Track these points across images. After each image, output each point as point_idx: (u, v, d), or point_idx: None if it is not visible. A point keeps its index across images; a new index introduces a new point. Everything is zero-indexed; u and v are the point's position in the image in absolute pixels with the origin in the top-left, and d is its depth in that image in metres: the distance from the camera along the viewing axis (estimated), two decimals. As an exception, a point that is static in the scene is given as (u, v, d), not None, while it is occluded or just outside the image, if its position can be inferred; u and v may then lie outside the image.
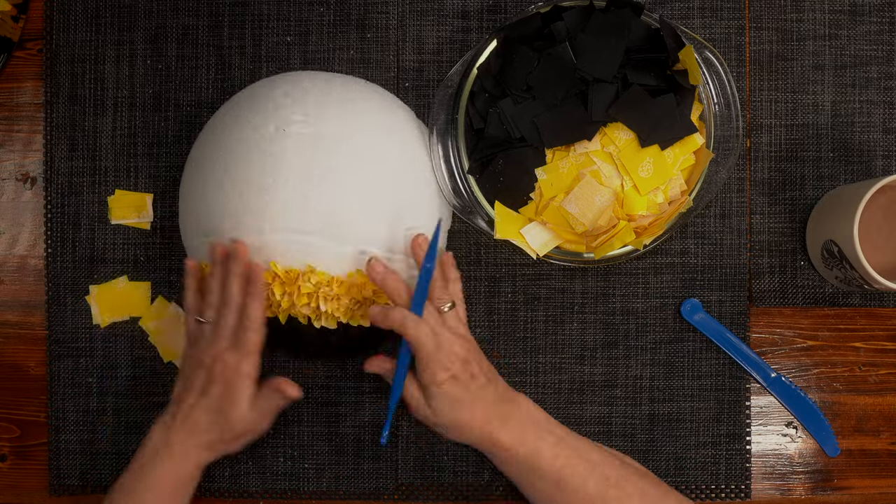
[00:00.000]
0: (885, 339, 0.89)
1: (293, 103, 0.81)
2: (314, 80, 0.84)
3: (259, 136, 0.80)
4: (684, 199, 0.82)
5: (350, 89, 0.84)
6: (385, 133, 0.83)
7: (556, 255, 0.84)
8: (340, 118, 0.81)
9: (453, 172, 0.84)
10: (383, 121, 0.84)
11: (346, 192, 0.80)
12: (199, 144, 0.85)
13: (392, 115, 0.85)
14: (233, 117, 0.83)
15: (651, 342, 0.89)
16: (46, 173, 0.90)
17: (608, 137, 0.82)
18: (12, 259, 0.90)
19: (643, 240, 0.82)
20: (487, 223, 0.84)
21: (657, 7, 0.89)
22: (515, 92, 0.82)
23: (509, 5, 0.89)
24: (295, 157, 0.79)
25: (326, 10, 0.90)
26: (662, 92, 0.81)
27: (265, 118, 0.81)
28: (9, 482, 0.90)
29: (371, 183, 0.81)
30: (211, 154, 0.82)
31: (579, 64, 0.81)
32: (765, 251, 0.89)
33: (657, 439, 0.89)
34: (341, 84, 0.85)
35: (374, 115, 0.83)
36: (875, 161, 0.89)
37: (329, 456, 0.89)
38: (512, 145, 0.83)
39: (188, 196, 0.85)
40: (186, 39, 0.90)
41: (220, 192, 0.80)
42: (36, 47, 0.91)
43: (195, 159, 0.85)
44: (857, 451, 0.89)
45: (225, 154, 0.81)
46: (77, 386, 0.89)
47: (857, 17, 0.90)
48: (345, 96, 0.83)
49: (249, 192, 0.79)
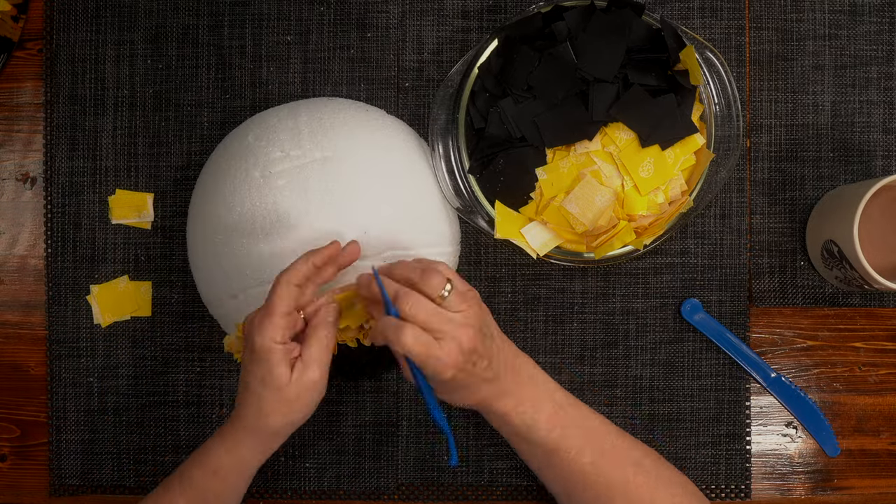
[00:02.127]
0: (885, 339, 0.89)
1: (267, 144, 0.81)
2: (279, 115, 0.84)
3: (248, 187, 0.80)
4: (685, 200, 0.82)
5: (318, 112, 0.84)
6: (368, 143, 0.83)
7: (557, 254, 0.84)
8: (319, 142, 0.81)
9: (454, 172, 0.84)
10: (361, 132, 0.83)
11: (349, 207, 0.80)
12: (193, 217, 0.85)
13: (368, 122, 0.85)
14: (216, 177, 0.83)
15: (651, 342, 0.89)
16: (46, 173, 0.90)
17: (609, 137, 0.82)
18: (12, 259, 0.90)
19: (643, 240, 0.82)
20: (488, 223, 0.84)
21: (657, 7, 0.89)
22: (516, 91, 0.82)
23: (509, 5, 0.89)
24: (287, 194, 0.79)
25: (326, 10, 0.90)
26: (663, 92, 0.81)
27: (246, 167, 0.81)
28: (9, 482, 0.90)
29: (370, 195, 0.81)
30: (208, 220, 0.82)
31: (580, 64, 0.81)
32: (765, 251, 0.89)
33: (657, 439, 0.89)
34: (307, 109, 0.84)
35: (351, 131, 0.83)
36: (875, 161, 0.89)
37: (330, 455, 0.89)
38: (513, 145, 0.83)
39: (201, 266, 0.84)
40: (187, 39, 0.90)
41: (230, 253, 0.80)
42: (36, 47, 0.91)
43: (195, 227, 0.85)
44: (857, 451, 0.89)
45: (224, 214, 0.81)
46: (77, 386, 0.89)
47: (857, 17, 0.90)
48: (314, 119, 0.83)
49: (258, 244, 0.79)
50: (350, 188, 0.80)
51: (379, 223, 0.80)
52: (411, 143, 0.86)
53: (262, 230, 0.79)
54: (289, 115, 0.84)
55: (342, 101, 0.88)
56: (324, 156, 0.81)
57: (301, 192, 0.79)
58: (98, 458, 0.89)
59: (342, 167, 0.80)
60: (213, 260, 0.82)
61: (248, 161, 0.81)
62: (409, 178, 0.83)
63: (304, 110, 0.84)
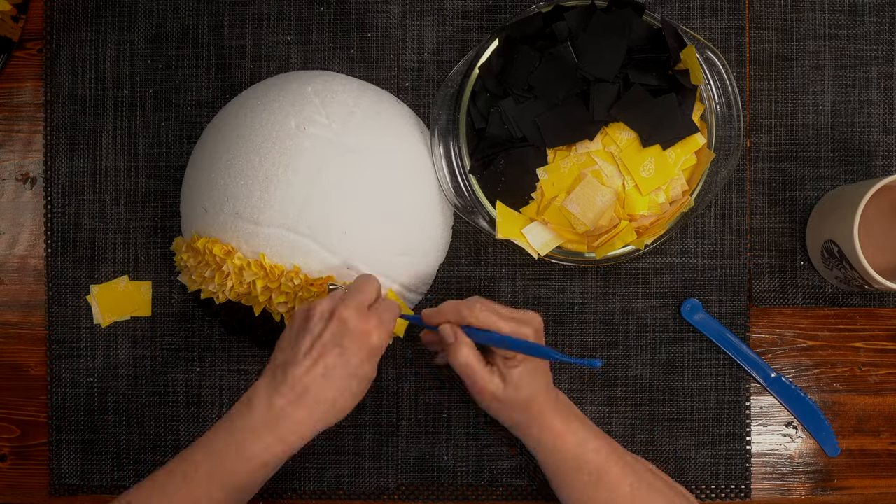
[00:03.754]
0: (885, 339, 0.89)
1: (321, 104, 0.81)
2: (346, 86, 0.84)
3: (279, 128, 0.80)
4: (686, 199, 0.82)
5: (379, 105, 0.84)
6: (400, 158, 0.83)
7: (557, 254, 0.84)
8: (361, 133, 0.81)
9: (455, 172, 0.84)
10: (402, 146, 0.83)
11: (347, 205, 0.79)
12: (219, 120, 0.85)
13: (412, 142, 0.84)
14: (257, 102, 0.83)
15: (651, 342, 0.89)
16: (46, 173, 0.90)
17: (609, 137, 0.82)
18: (12, 259, 0.90)
19: (644, 240, 0.82)
20: (489, 223, 0.84)
21: (657, 7, 0.89)
22: (517, 91, 0.82)
23: (509, 5, 0.89)
24: (307, 157, 0.79)
25: (327, 10, 0.90)
26: (664, 92, 0.82)
27: (288, 113, 0.81)
28: (9, 482, 0.90)
29: (374, 203, 0.81)
30: (228, 133, 0.82)
31: (581, 64, 0.81)
32: (765, 251, 0.89)
33: (657, 439, 0.89)
34: (372, 96, 0.84)
35: (395, 139, 0.83)
36: (875, 161, 0.90)
37: (329, 455, 0.89)
38: (513, 145, 0.83)
39: (197, 166, 0.84)
40: (186, 39, 0.90)
41: (228, 172, 0.80)
42: (36, 47, 0.91)
43: (213, 133, 0.84)
44: (857, 452, 0.89)
45: (239, 137, 0.81)
46: (77, 386, 0.89)
47: (857, 17, 0.90)
48: (372, 111, 0.83)
49: (255, 180, 0.79)
50: (358, 189, 0.80)
51: (360, 232, 0.80)
52: (431, 176, 0.85)
53: (264, 173, 0.79)
54: (353, 92, 0.84)
55: (404, 108, 0.87)
56: (354, 147, 0.80)
57: (316, 164, 0.79)
58: (98, 458, 0.89)
59: (366, 167, 0.80)
60: (210, 169, 0.82)
61: (296, 107, 0.81)
62: (413, 210, 0.83)
63: (368, 98, 0.84)
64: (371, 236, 0.81)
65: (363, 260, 0.80)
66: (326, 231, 0.79)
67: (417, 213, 0.83)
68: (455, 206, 0.84)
